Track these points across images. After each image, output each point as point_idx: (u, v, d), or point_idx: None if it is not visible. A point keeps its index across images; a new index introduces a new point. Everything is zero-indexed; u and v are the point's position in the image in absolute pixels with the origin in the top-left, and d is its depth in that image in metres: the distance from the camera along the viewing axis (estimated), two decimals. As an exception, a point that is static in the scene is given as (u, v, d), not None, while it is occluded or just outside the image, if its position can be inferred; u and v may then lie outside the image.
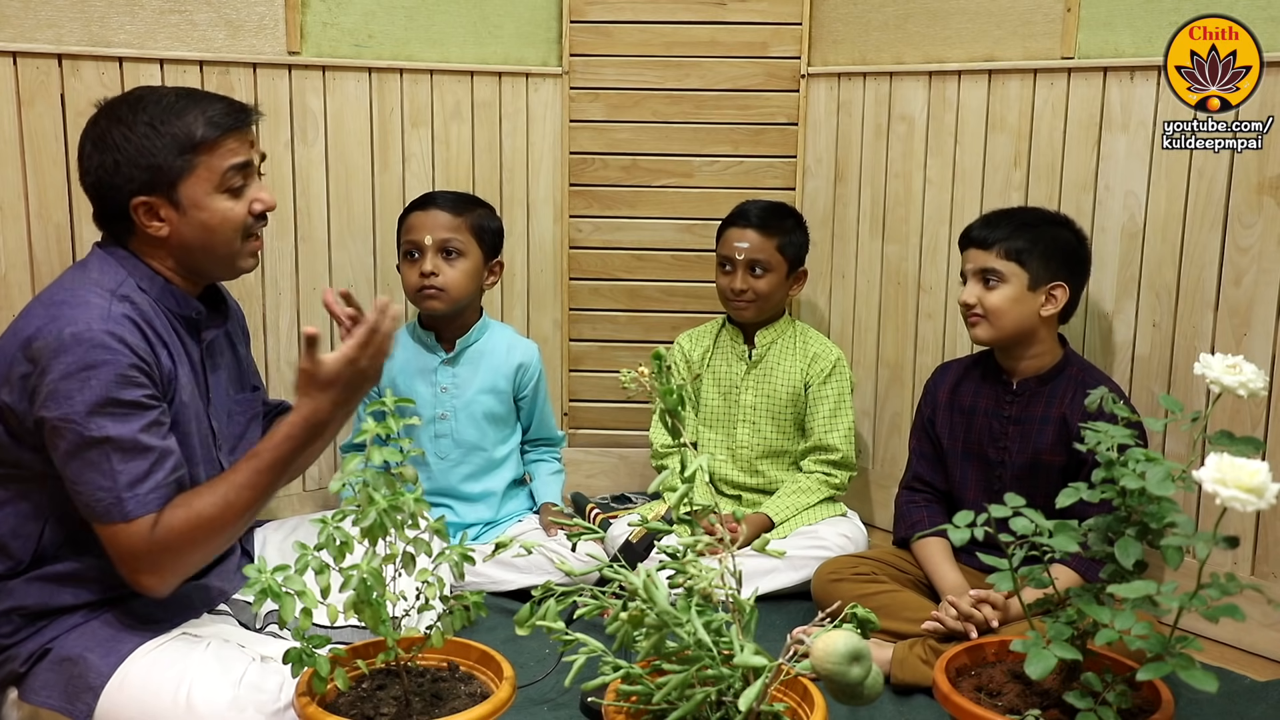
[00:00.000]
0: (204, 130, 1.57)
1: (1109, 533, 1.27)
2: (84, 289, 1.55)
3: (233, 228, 1.62)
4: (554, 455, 2.48)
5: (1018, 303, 2.00)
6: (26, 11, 2.17)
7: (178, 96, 1.60)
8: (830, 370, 2.44)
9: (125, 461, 1.47)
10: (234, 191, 1.61)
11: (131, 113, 1.58)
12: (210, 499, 1.51)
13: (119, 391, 1.47)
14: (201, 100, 1.60)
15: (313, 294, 2.51)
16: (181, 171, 1.56)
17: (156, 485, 1.49)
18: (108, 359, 1.47)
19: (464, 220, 2.27)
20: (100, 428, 1.46)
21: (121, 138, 1.56)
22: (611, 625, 1.27)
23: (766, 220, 2.41)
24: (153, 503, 1.48)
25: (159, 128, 1.56)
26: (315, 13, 2.44)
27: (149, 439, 1.50)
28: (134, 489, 1.47)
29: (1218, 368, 1.23)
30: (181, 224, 1.59)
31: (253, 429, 1.82)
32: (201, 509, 1.50)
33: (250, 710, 1.46)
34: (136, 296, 1.58)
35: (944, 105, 2.44)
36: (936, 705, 1.49)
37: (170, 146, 1.56)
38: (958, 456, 2.12)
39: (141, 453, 1.49)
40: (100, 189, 1.60)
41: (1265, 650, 2.02)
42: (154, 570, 1.50)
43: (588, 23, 2.67)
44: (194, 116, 1.57)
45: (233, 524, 1.54)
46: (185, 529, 1.49)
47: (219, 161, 1.58)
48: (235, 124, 1.60)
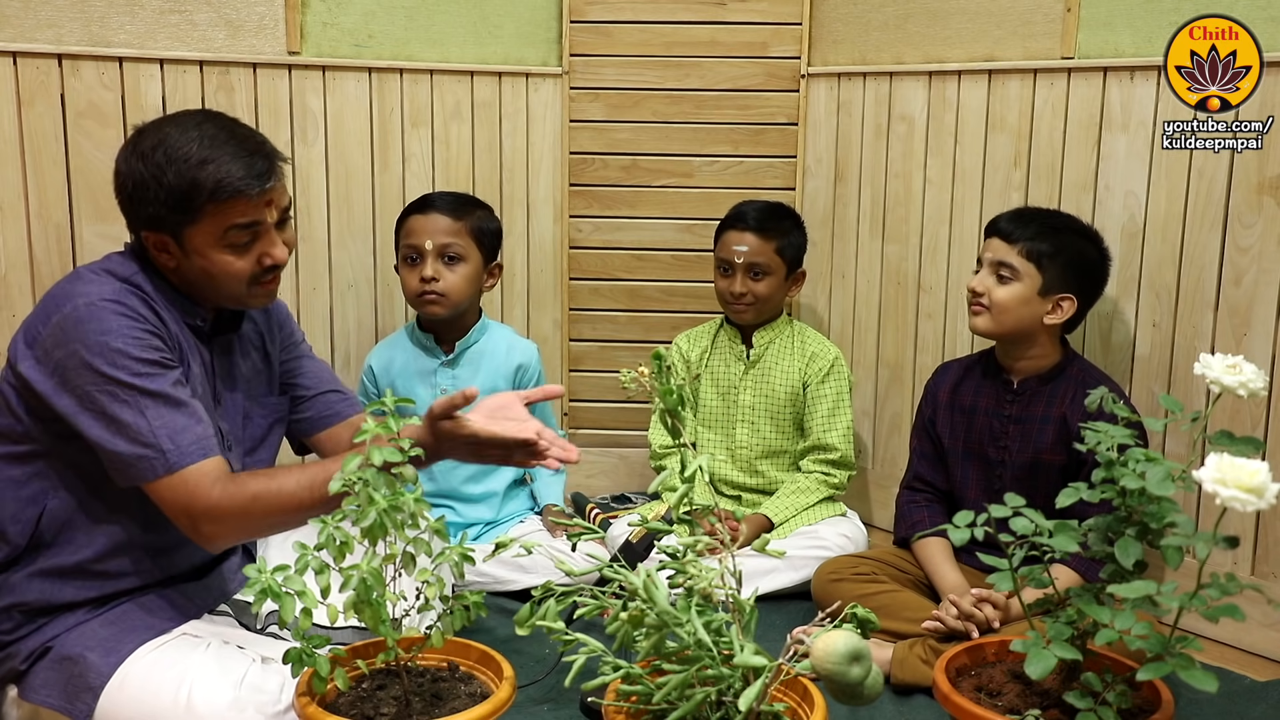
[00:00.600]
0: (212, 191, 1.53)
1: (1109, 533, 1.27)
2: (96, 272, 1.58)
3: (235, 279, 1.60)
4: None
5: (1024, 304, 2.00)
6: (26, 11, 2.17)
7: (200, 145, 1.54)
8: (828, 369, 2.44)
9: (160, 416, 1.48)
10: (237, 248, 1.58)
11: (151, 151, 1.55)
12: (295, 478, 1.50)
13: (140, 351, 1.49)
14: (222, 155, 1.55)
15: (313, 294, 2.51)
16: (184, 223, 1.55)
17: (198, 438, 1.49)
18: (122, 324, 1.49)
19: (464, 224, 2.27)
20: (129, 387, 1.47)
21: (138, 174, 1.55)
22: (611, 625, 1.27)
23: (765, 223, 2.41)
24: (196, 453, 1.48)
25: (169, 178, 1.53)
26: (315, 13, 2.44)
27: (179, 393, 1.51)
28: (175, 441, 1.48)
29: (1218, 368, 1.23)
30: (185, 264, 1.60)
31: (275, 432, 1.81)
32: (282, 484, 1.50)
33: (250, 711, 1.46)
34: (148, 289, 1.60)
35: (944, 105, 2.44)
36: (936, 705, 1.49)
37: (175, 198, 1.53)
38: (958, 456, 2.12)
39: (174, 406, 1.49)
40: (123, 207, 1.62)
41: (1265, 650, 2.02)
42: (214, 524, 1.49)
43: (588, 23, 2.67)
44: (206, 175, 1.53)
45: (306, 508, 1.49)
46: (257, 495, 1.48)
47: (223, 218, 1.55)
48: (244, 189, 1.55)
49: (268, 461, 1.82)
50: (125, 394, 1.47)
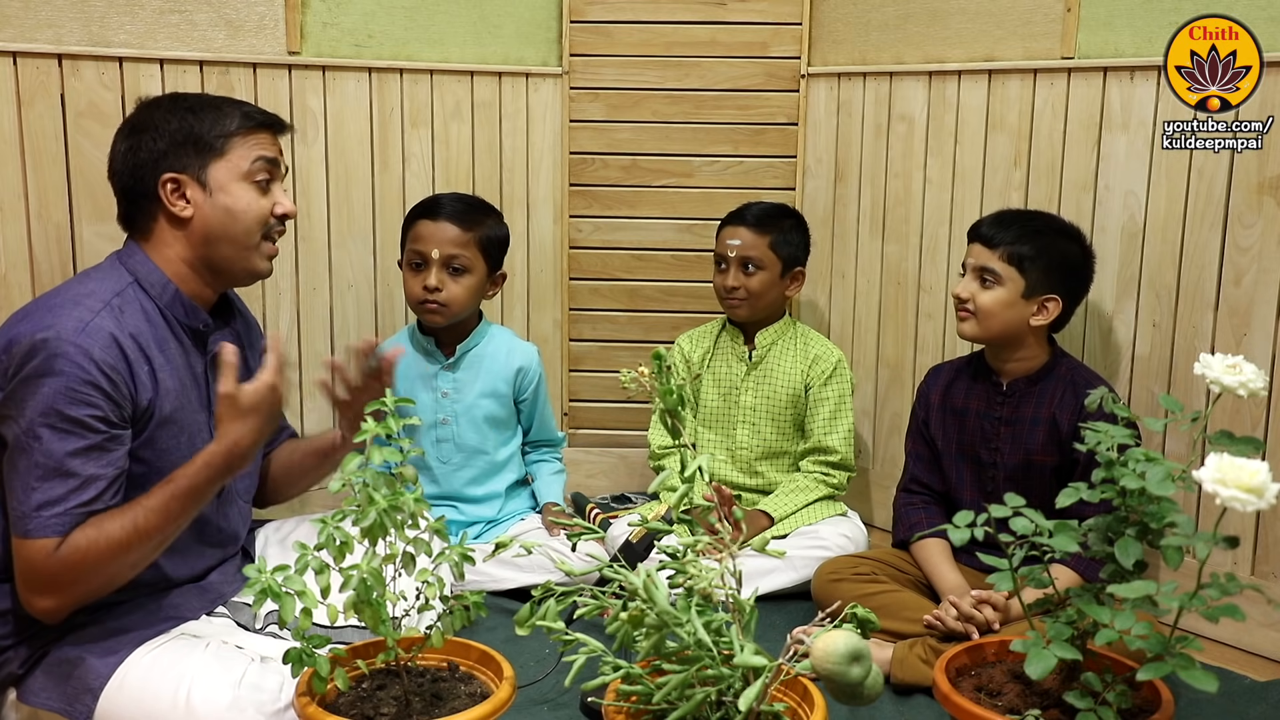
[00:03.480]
0: (240, 121, 1.65)
1: (1109, 533, 1.27)
2: (76, 298, 1.55)
3: (254, 218, 1.66)
4: (555, 456, 2.48)
5: (1009, 307, 2.00)
6: (26, 11, 2.17)
7: (217, 96, 1.71)
8: (831, 372, 2.44)
9: (44, 480, 1.46)
10: (260, 186, 1.67)
11: (171, 101, 1.67)
12: (119, 522, 1.49)
13: (65, 406, 1.46)
14: (237, 101, 1.70)
15: (313, 294, 2.51)
16: (214, 151, 1.63)
17: (66, 511, 1.47)
18: (65, 369, 1.46)
19: (472, 236, 2.25)
20: (35, 437, 1.46)
21: (161, 119, 1.64)
22: (611, 625, 1.27)
23: (760, 219, 2.41)
24: (54, 527, 1.46)
25: (199, 113, 1.65)
26: (315, 13, 2.44)
27: (76, 463, 1.47)
28: (40, 511, 1.46)
29: (1218, 368, 1.23)
30: (206, 206, 1.63)
31: None
32: (110, 531, 1.48)
33: (250, 711, 1.46)
34: (134, 306, 1.58)
35: (944, 105, 2.44)
36: (936, 705, 1.49)
37: (208, 128, 1.63)
38: (952, 458, 2.13)
39: (62, 476, 1.47)
40: (131, 169, 1.64)
41: (1265, 650, 2.02)
42: (50, 591, 1.48)
43: (588, 23, 2.67)
44: (230, 109, 1.66)
45: (139, 549, 1.50)
46: (90, 550, 1.47)
47: (249, 150, 1.65)
48: (268, 121, 1.69)
49: (253, 472, 1.83)
50: (30, 442, 1.46)
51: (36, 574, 1.47)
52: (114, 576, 1.52)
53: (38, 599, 1.48)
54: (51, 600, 1.48)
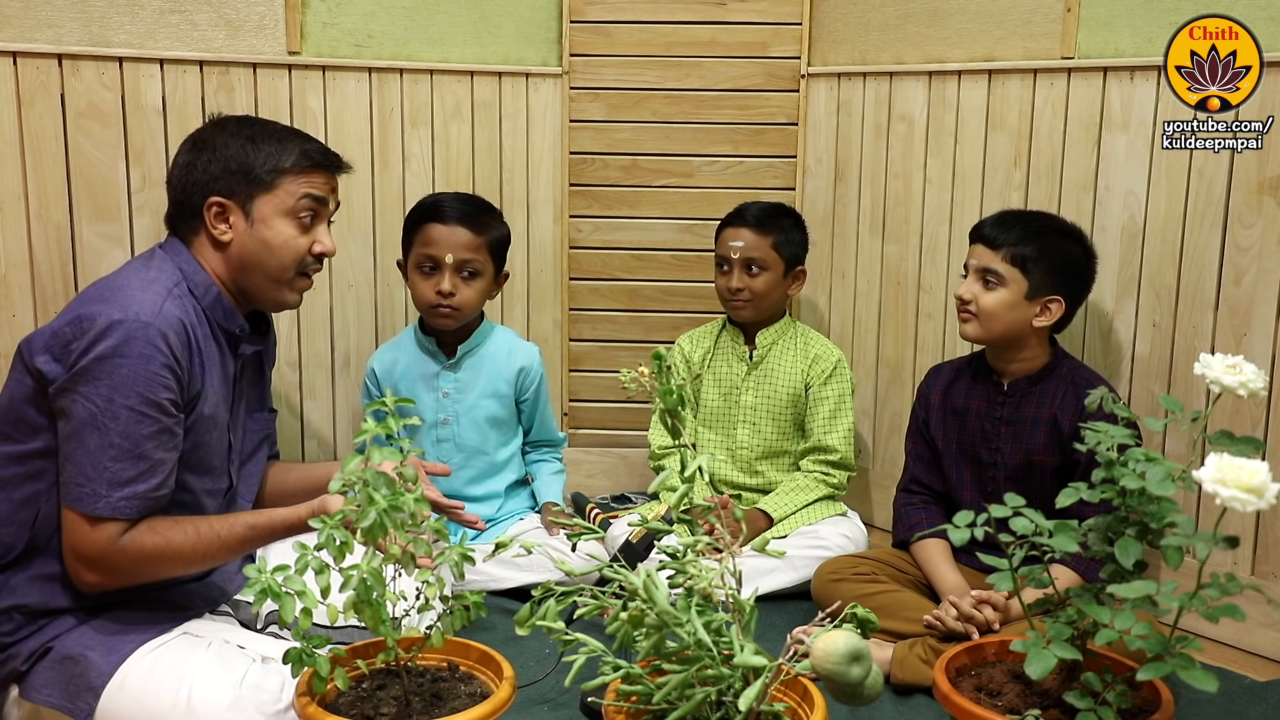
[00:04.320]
0: (296, 158, 1.67)
1: (1109, 533, 1.27)
2: (144, 282, 1.58)
3: (291, 255, 1.68)
4: (555, 456, 2.48)
5: (1012, 309, 1.99)
6: (26, 11, 2.17)
7: (284, 128, 1.72)
8: (831, 371, 2.44)
9: (117, 461, 1.49)
10: (302, 224, 1.68)
11: (238, 125, 1.69)
12: (186, 537, 1.54)
13: (146, 388, 1.50)
14: (304, 137, 1.72)
15: (313, 294, 2.50)
16: (263, 185, 1.65)
17: (134, 495, 1.51)
18: (145, 353, 1.50)
19: (484, 239, 2.26)
20: (113, 417, 1.48)
21: (222, 143, 1.66)
22: (611, 625, 1.27)
23: (761, 219, 2.41)
24: (123, 510, 1.50)
25: (259, 143, 1.66)
26: (315, 13, 2.44)
27: (150, 447, 1.51)
28: (112, 491, 1.49)
29: (1218, 368, 1.23)
30: (246, 235, 1.65)
31: (262, 450, 1.85)
32: (174, 541, 1.53)
33: (251, 710, 1.46)
34: (188, 300, 1.62)
35: (944, 105, 2.44)
36: (936, 705, 1.49)
37: (262, 160, 1.65)
38: (952, 458, 2.13)
39: (135, 459, 1.50)
40: (184, 184, 1.67)
41: (1265, 650, 2.02)
42: (103, 574, 1.53)
43: (588, 23, 2.67)
44: (292, 144, 1.68)
45: (195, 567, 1.59)
46: (152, 554, 1.52)
47: (298, 187, 1.67)
48: (326, 162, 1.72)
49: (258, 474, 1.84)
50: (106, 421, 1.48)
51: (93, 553, 1.51)
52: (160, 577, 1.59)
53: (86, 572, 1.53)
54: (97, 578, 1.53)
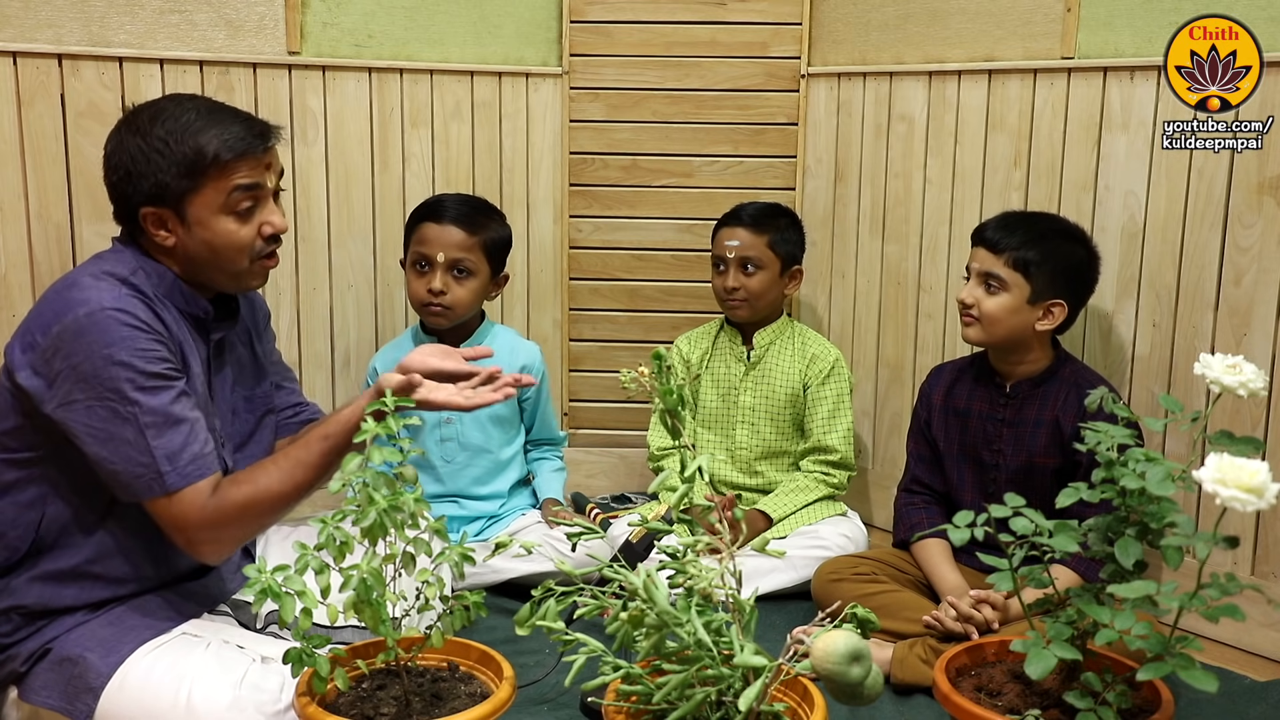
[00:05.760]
0: (215, 152, 1.55)
1: (1109, 533, 1.27)
2: (96, 275, 1.55)
3: (237, 249, 1.61)
4: (556, 454, 2.48)
5: (1014, 313, 1.99)
6: (26, 11, 2.17)
7: (198, 114, 1.58)
8: (829, 371, 2.44)
9: (160, 435, 1.48)
10: (240, 214, 1.60)
11: (150, 124, 1.57)
12: (271, 476, 1.53)
13: (145, 363, 1.48)
14: (222, 120, 1.58)
15: (313, 294, 2.51)
16: (187, 191, 1.56)
17: (195, 457, 1.50)
18: (125, 335, 1.48)
19: (478, 239, 2.25)
20: (132, 403, 1.47)
21: (136, 149, 1.56)
22: (611, 625, 1.27)
23: (757, 218, 2.41)
24: (193, 473, 1.49)
25: (172, 145, 1.55)
26: (315, 13, 2.44)
27: (179, 410, 1.50)
28: (173, 461, 1.48)
29: (1218, 368, 1.23)
30: (186, 239, 1.59)
31: (265, 425, 1.80)
32: (267, 484, 1.52)
33: (250, 710, 1.46)
34: (145, 288, 1.58)
35: (944, 105, 2.44)
36: (936, 705, 1.49)
37: (179, 165, 1.55)
38: (954, 459, 2.12)
39: (174, 424, 1.49)
40: (115, 191, 1.61)
41: (1265, 650, 2.02)
42: (213, 540, 1.53)
43: (588, 23, 2.67)
44: (209, 137, 1.55)
45: (293, 499, 1.56)
46: (248, 503, 1.51)
47: (226, 182, 1.57)
48: (248, 149, 1.58)
49: (261, 454, 1.82)
50: (126, 409, 1.47)
51: (190, 526, 1.50)
52: (270, 522, 1.59)
53: (201, 548, 1.53)
54: (213, 547, 1.54)
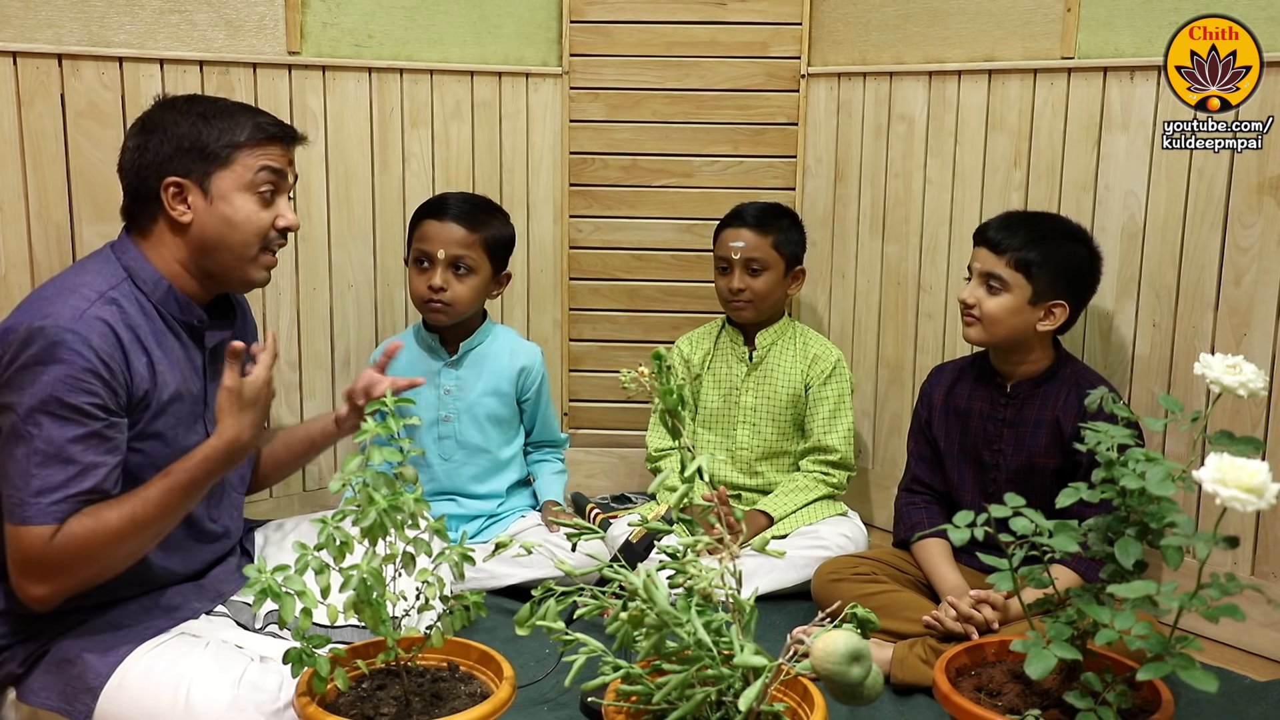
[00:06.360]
0: (251, 131, 1.64)
1: (1109, 533, 1.27)
2: (72, 286, 1.55)
3: (253, 230, 1.65)
4: (557, 456, 2.48)
5: (1015, 314, 1.99)
6: (26, 11, 2.17)
7: (234, 103, 1.68)
8: (830, 371, 2.44)
9: (43, 467, 1.47)
10: (263, 198, 1.65)
11: (186, 104, 1.66)
12: (118, 512, 1.50)
13: (65, 393, 1.47)
14: (255, 111, 1.69)
15: (313, 294, 2.51)
16: (219, 160, 1.62)
17: (65, 498, 1.47)
18: (64, 357, 1.47)
19: (478, 236, 2.26)
20: (35, 424, 1.47)
21: (172, 122, 1.63)
22: (611, 625, 1.27)
23: (761, 219, 2.41)
24: (53, 514, 1.47)
25: (210, 120, 1.63)
26: (315, 13, 2.44)
27: (76, 450, 1.48)
28: (39, 497, 1.46)
29: (1218, 368, 1.23)
30: (206, 214, 1.62)
31: None
32: (108, 520, 1.49)
33: (250, 710, 1.46)
34: (129, 300, 1.59)
35: (944, 105, 2.44)
36: (936, 705, 1.49)
37: (216, 136, 1.62)
38: (954, 459, 2.12)
39: (63, 463, 1.47)
40: (137, 169, 1.64)
41: (1265, 650, 2.02)
42: (44, 579, 1.48)
43: (588, 23, 2.67)
44: (244, 118, 1.65)
45: (135, 539, 1.52)
46: (87, 539, 1.47)
47: (255, 160, 1.64)
48: (280, 133, 1.68)
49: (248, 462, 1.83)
50: (26, 429, 1.47)
51: (31, 561, 1.47)
52: (108, 567, 1.52)
53: (31, 585, 1.49)
54: (44, 588, 1.49)
